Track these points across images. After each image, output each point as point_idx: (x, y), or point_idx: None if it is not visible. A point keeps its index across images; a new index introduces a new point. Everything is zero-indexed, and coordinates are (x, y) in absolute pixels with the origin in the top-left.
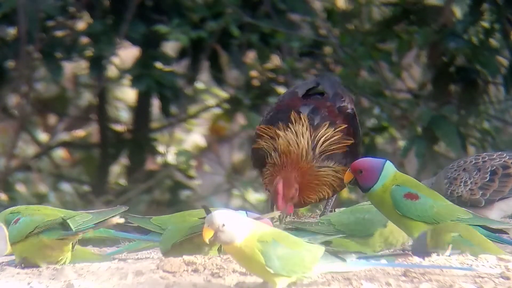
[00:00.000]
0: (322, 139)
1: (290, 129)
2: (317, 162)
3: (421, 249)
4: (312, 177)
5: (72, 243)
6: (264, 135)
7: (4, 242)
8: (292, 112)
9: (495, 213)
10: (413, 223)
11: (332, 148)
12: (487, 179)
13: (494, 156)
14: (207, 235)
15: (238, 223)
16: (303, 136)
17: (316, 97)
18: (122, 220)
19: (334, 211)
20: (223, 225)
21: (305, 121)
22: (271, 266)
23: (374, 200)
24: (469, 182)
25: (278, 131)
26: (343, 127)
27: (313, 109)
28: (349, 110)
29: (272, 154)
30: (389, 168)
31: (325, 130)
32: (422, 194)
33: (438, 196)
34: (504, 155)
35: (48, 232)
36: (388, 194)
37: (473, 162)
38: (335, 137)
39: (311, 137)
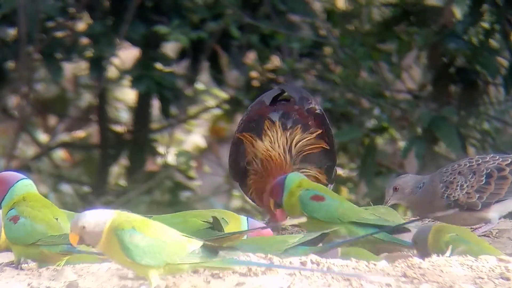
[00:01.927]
0: (295, 140)
1: (265, 135)
2: (296, 165)
3: (423, 250)
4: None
5: None
6: (245, 141)
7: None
8: (265, 120)
9: (492, 215)
10: (320, 223)
11: (306, 149)
12: (483, 182)
13: (488, 159)
14: (73, 240)
15: (98, 221)
16: (278, 141)
17: (283, 103)
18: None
19: None
20: (83, 227)
21: (278, 127)
22: (126, 253)
23: (288, 210)
24: (465, 186)
25: (255, 138)
26: (318, 131)
27: (283, 114)
28: (318, 111)
29: (254, 161)
30: (281, 179)
31: (298, 132)
32: (328, 196)
33: (343, 198)
34: (497, 158)
35: (50, 247)
36: (296, 198)
37: (468, 165)
38: (308, 138)
39: (286, 140)
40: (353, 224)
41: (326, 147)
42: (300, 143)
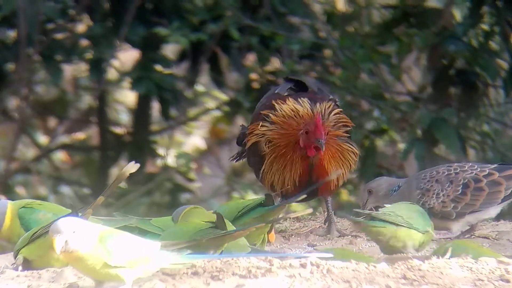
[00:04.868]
0: (328, 110)
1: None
2: (329, 124)
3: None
4: (335, 149)
5: None
6: (257, 129)
7: (2, 217)
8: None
9: (460, 225)
10: None
11: (341, 122)
12: (459, 192)
13: (466, 168)
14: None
15: (86, 230)
16: (307, 105)
17: (304, 92)
18: (135, 168)
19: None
20: (74, 232)
21: (306, 101)
22: (111, 260)
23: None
24: (441, 194)
25: (276, 110)
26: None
27: (310, 100)
28: (337, 103)
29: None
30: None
31: (327, 104)
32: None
33: None
34: (476, 167)
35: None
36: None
37: (446, 173)
38: (338, 114)
39: (318, 108)
40: None
41: (352, 124)
42: (332, 114)
